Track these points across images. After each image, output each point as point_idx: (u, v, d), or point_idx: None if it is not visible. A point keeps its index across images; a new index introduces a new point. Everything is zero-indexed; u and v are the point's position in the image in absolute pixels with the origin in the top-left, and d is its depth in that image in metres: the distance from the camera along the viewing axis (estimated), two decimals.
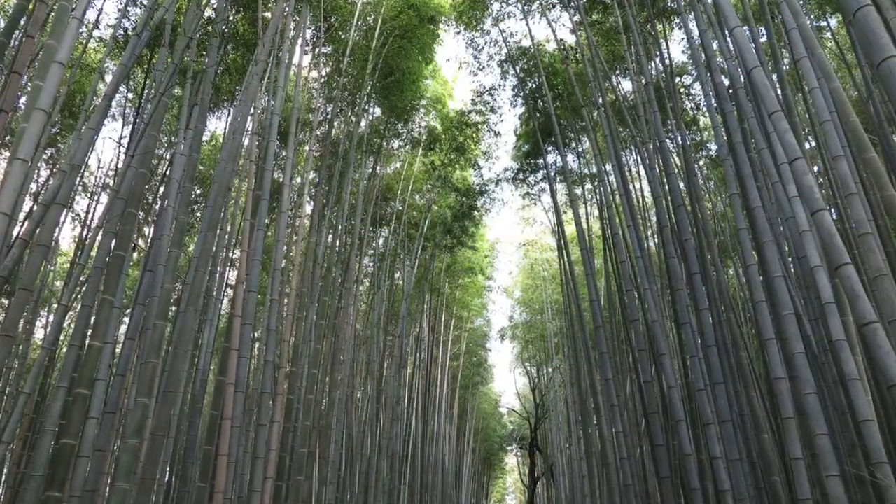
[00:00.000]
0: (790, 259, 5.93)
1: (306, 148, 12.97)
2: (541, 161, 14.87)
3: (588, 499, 13.16)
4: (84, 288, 6.10)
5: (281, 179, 11.71)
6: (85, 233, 11.36)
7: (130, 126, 10.75)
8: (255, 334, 14.00)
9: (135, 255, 13.97)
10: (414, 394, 17.72)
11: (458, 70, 27.56)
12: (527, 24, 11.55)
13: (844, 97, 4.47)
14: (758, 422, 5.79)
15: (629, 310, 7.45)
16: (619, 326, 11.51)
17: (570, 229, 18.85)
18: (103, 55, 7.46)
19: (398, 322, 15.94)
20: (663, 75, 9.32)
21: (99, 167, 17.50)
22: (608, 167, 12.00)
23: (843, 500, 4.01)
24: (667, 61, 9.49)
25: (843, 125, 4.44)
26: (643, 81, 8.19)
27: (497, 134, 16.25)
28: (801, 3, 6.82)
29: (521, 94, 13.46)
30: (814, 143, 8.58)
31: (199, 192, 14.25)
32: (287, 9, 8.33)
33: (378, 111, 14.63)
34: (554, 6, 12.24)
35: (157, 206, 11.23)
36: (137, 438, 4.36)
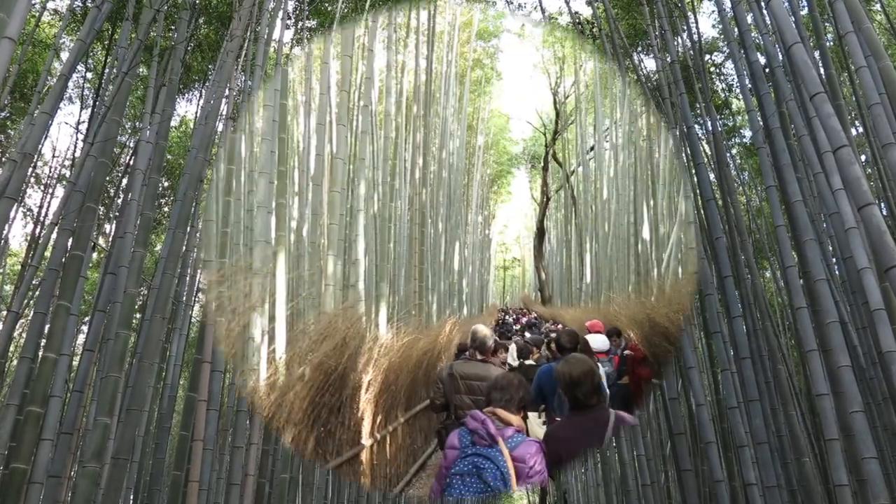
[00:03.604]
0: (834, 260, 5.93)
1: None
2: None
3: None
4: (37, 292, 6.11)
5: None
6: (38, 230, 11.38)
7: (89, 110, 10.75)
8: None
9: (94, 255, 13.97)
10: None
11: None
12: None
13: None
14: (798, 444, 5.79)
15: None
16: None
17: None
18: (59, 29, 7.47)
19: None
20: (691, 52, 9.33)
21: (54, 156, 17.45)
22: None
23: None
24: (695, 37, 9.51)
25: (895, 108, 4.44)
26: (668, 59, 8.19)
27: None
28: None
29: None
30: (861, 129, 8.59)
31: (166, 184, 14.26)
32: None
33: None
34: None
35: (119, 201, 11.23)
36: (97, 462, 4.37)
